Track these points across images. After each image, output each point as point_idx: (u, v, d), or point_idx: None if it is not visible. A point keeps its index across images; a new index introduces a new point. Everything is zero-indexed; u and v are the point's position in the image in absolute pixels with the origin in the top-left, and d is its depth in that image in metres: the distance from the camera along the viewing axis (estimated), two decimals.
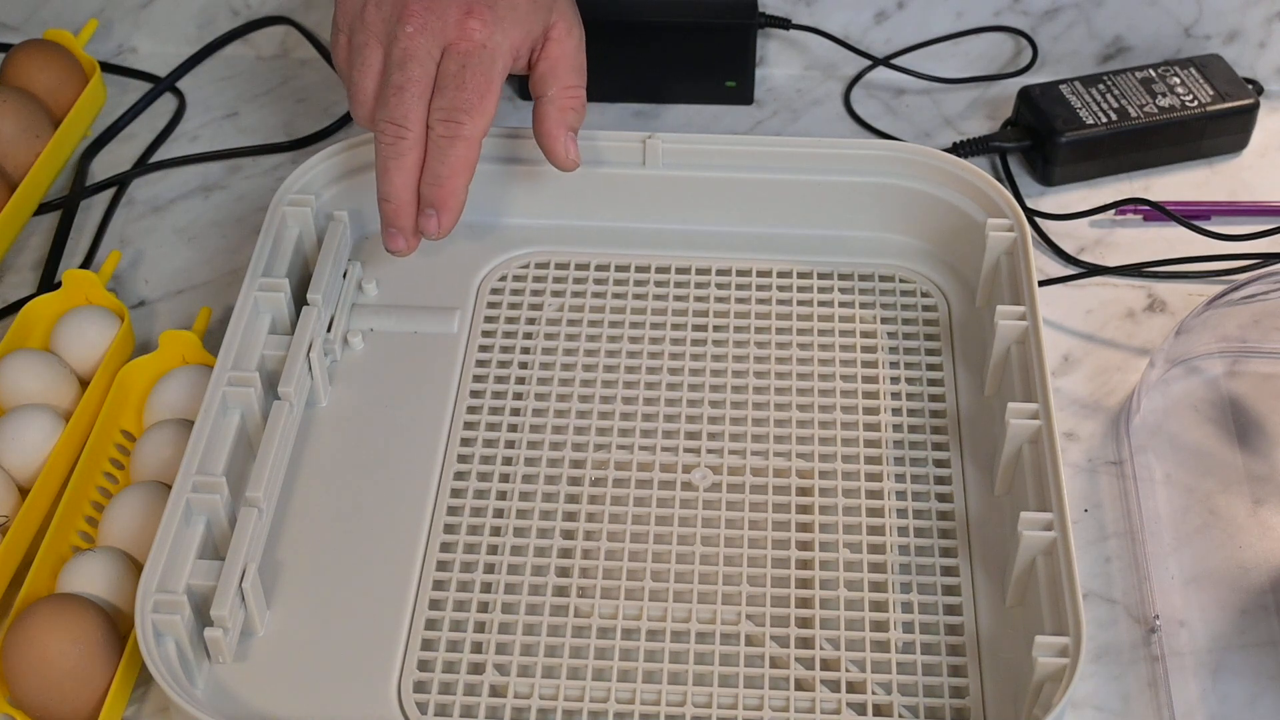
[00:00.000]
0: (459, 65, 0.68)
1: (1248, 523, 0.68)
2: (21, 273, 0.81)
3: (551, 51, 0.72)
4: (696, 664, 0.62)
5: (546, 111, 0.72)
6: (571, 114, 0.72)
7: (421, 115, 0.68)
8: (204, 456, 0.65)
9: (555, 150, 0.72)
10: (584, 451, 0.69)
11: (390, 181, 0.69)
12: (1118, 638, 0.65)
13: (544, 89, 0.72)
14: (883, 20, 0.90)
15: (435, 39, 0.68)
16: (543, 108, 0.72)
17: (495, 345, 0.74)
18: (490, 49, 0.69)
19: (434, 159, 0.68)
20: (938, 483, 0.68)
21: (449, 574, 0.65)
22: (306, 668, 0.62)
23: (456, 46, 0.68)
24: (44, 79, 0.86)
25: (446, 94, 0.68)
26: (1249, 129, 0.86)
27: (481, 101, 0.68)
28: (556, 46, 0.72)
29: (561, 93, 0.72)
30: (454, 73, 0.68)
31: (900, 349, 0.73)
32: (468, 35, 0.68)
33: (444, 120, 0.68)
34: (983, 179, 0.75)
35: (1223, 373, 0.74)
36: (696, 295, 0.76)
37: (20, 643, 0.60)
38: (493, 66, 0.69)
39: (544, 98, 0.72)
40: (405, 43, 0.68)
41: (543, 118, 0.72)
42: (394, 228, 0.70)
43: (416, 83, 0.68)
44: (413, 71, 0.68)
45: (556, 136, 0.72)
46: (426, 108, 0.68)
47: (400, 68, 0.68)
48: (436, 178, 0.68)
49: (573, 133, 0.72)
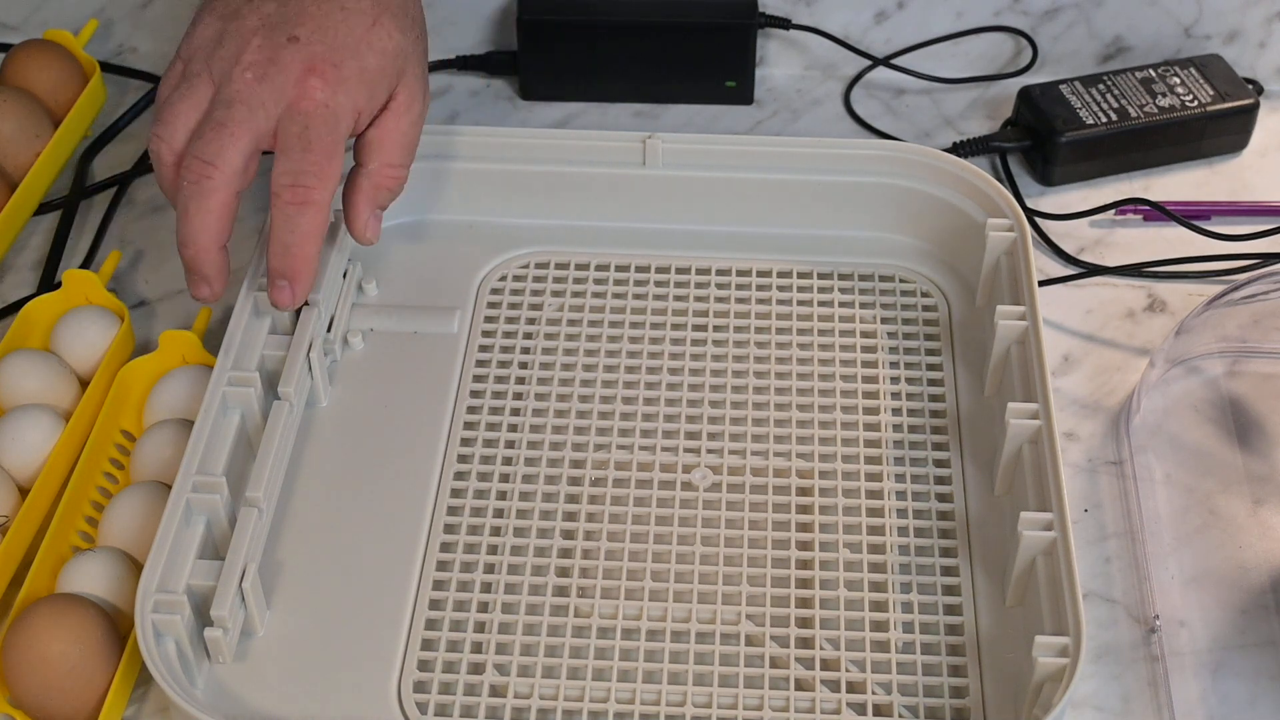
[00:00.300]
0: (301, 127, 0.65)
1: (1248, 523, 0.68)
2: (21, 273, 0.81)
3: (385, 122, 0.69)
4: (696, 664, 0.62)
5: (359, 184, 0.69)
6: (385, 193, 0.70)
7: (233, 160, 0.64)
8: (204, 456, 0.65)
9: (354, 224, 0.70)
10: (584, 451, 0.69)
11: (190, 223, 0.65)
12: (1118, 638, 0.65)
13: (366, 159, 0.69)
14: (883, 20, 0.90)
15: (273, 91, 0.65)
16: (356, 179, 0.69)
17: (495, 345, 0.74)
18: (333, 109, 0.66)
19: (282, 228, 0.65)
20: (938, 483, 0.68)
21: (449, 574, 0.65)
22: (306, 668, 0.62)
23: (297, 105, 0.65)
24: (44, 79, 0.86)
25: (292, 157, 0.65)
26: (1249, 129, 0.86)
27: (329, 164, 0.65)
28: (392, 119, 0.69)
29: (381, 169, 0.69)
30: (297, 134, 0.65)
31: (900, 349, 0.73)
32: (309, 94, 0.65)
33: (291, 185, 0.65)
34: (983, 179, 0.75)
35: (1223, 373, 0.74)
36: (696, 295, 0.76)
37: (20, 643, 0.60)
38: (337, 128, 0.66)
39: (363, 169, 0.69)
40: (239, 85, 0.65)
41: (354, 189, 0.69)
42: (197, 274, 0.66)
43: (240, 125, 0.64)
44: (238, 113, 0.64)
45: (360, 212, 0.69)
46: (241, 156, 0.65)
47: (226, 106, 0.65)
48: (286, 247, 0.65)
49: (380, 210, 0.70)
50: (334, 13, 0.67)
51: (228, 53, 0.66)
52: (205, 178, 0.64)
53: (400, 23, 0.69)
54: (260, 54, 0.66)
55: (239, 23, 0.67)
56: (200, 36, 0.67)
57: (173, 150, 0.66)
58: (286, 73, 0.65)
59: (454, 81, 0.91)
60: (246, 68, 0.65)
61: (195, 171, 0.64)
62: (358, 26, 0.67)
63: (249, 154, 0.65)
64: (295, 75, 0.65)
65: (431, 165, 0.77)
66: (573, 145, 0.78)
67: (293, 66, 0.65)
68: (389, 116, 0.69)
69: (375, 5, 0.68)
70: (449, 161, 0.77)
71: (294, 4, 0.67)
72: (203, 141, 0.64)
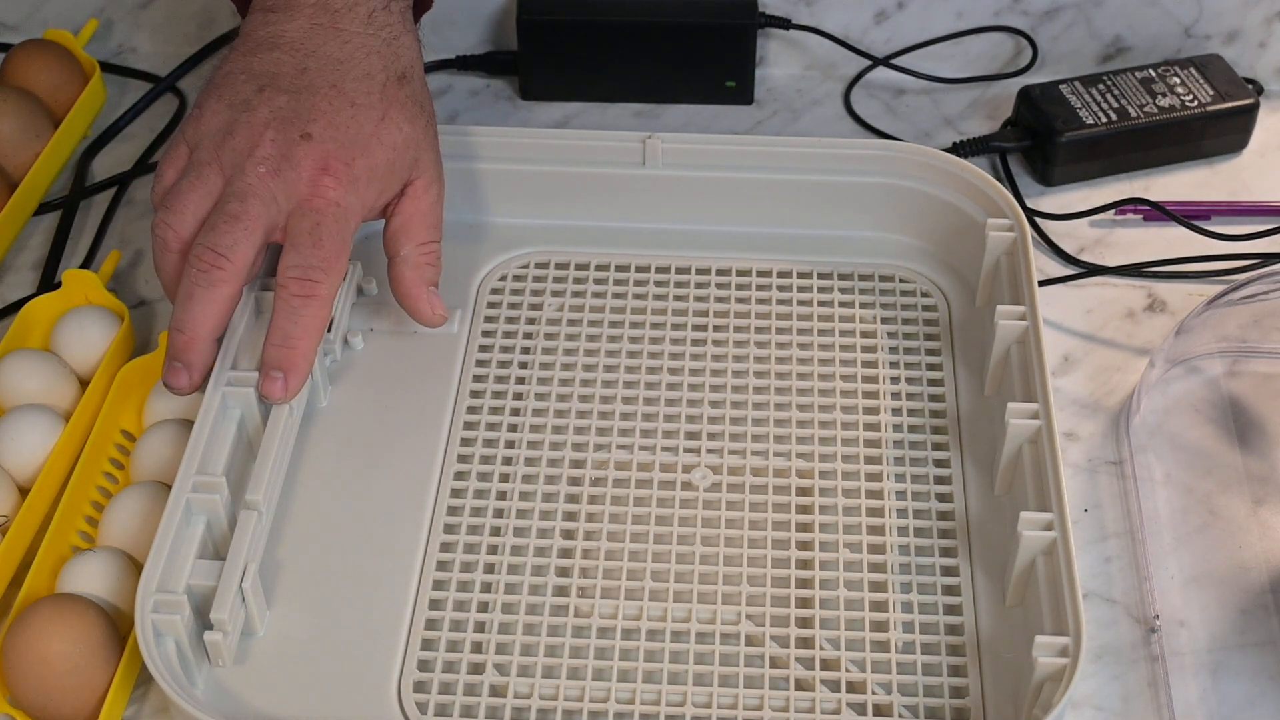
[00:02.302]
0: (313, 223, 0.65)
1: (1248, 523, 0.68)
2: (21, 273, 0.81)
3: (405, 208, 0.70)
4: (696, 664, 0.62)
5: (402, 272, 0.70)
6: (429, 269, 0.70)
7: (246, 253, 0.65)
8: (204, 456, 0.65)
9: (420, 310, 0.70)
10: (584, 451, 0.69)
11: (190, 311, 0.64)
12: (1118, 638, 0.65)
13: (397, 248, 0.70)
14: (883, 20, 0.90)
15: (285, 187, 0.66)
16: (398, 268, 0.70)
17: (495, 345, 0.74)
18: (344, 207, 0.66)
19: (285, 319, 0.65)
20: (938, 483, 0.68)
21: (449, 574, 0.65)
22: (306, 668, 0.62)
23: (309, 203, 0.66)
24: (44, 79, 0.86)
25: (302, 251, 0.65)
26: (1249, 129, 0.86)
27: (337, 261, 0.66)
28: (411, 203, 0.70)
29: (416, 251, 0.70)
30: (308, 230, 0.65)
31: (900, 349, 0.73)
32: (321, 193, 0.66)
33: (299, 279, 0.65)
34: (983, 179, 0.75)
35: (1223, 373, 0.74)
36: (696, 295, 0.76)
37: (20, 643, 0.60)
38: (346, 226, 0.66)
39: (398, 257, 0.70)
40: (253, 179, 0.65)
41: (399, 279, 0.70)
42: (181, 362, 0.65)
43: (255, 219, 0.65)
44: (253, 208, 0.65)
45: (418, 296, 0.70)
46: (254, 249, 0.65)
47: (240, 199, 0.65)
48: (287, 338, 0.65)
49: (433, 288, 0.70)
50: (344, 109, 0.67)
51: (239, 145, 0.66)
52: (216, 268, 0.64)
53: (408, 112, 0.69)
54: (274, 149, 0.66)
55: (250, 114, 0.67)
56: (208, 124, 0.67)
57: (180, 238, 0.66)
58: (300, 169, 0.66)
59: (454, 81, 0.91)
60: (260, 162, 0.65)
61: (206, 261, 0.64)
62: (367, 122, 0.68)
63: (260, 248, 0.66)
64: (309, 173, 0.66)
65: None
66: (573, 145, 0.78)
67: (306, 164, 0.66)
68: (408, 202, 0.70)
69: (383, 100, 0.69)
70: (449, 161, 0.77)
71: (305, 98, 0.67)
72: (216, 233, 0.64)
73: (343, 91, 0.68)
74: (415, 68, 0.71)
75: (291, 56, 0.69)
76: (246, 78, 0.68)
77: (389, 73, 0.69)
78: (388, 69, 0.69)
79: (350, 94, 0.68)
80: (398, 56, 0.70)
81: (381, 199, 0.69)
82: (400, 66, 0.70)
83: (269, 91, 0.67)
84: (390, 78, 0.69)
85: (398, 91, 0.69)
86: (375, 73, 0.69)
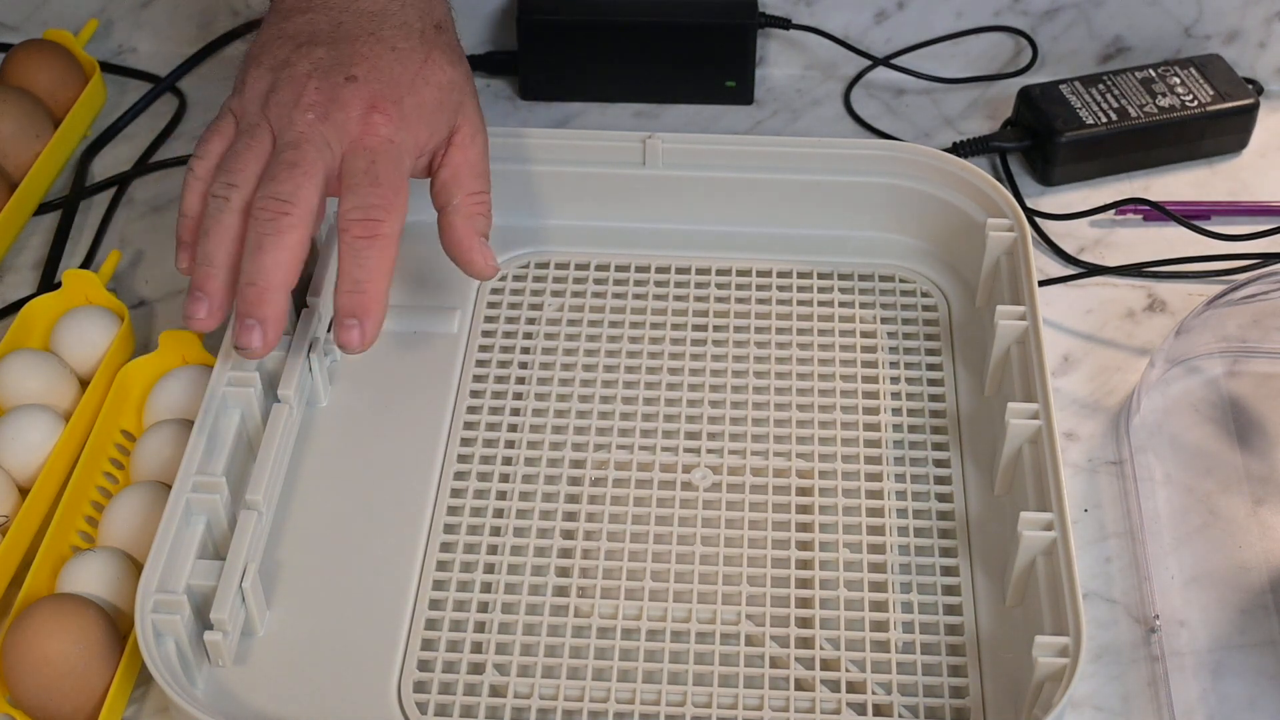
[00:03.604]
0: (368, 161, 0.64)
1: (1248, 523, 0.68)
2: (21, 273, 0.81)
3: (454, 157, 0.68)
4: (696, 664, 0.62)
5: (453, 221, 0.68)
6: (480, 219, 0.68)
7: (310, 197, 0.63)
8: (204, 456, 0.65)
9: (472, 261, 0.68)
10: (584, 451, 0.69)
11: (260, 261, 0.62)
12: (1118, 638, 0.65)
13: (448, 198, 0.68)
14: (883, 20, 0.90)
15: (336, 130, 0.65)
16: (448, 218, 0.68)
17: (495, 345, 0.74)
18: (398, 144, 0.65)
19: (351, 264, 0.63)
20: (938, 483, 0.68)
21: (449, 574, 0.65)
22: (306, 668, 0.62)
23: (362, 142, 0.65)
24: (44, 79, 0.86)
25: (360, 192, 0.64)
26: (1249, 129, 0.86)
27: (397, 198, 0.64)
28: (459, 152, 0.68)
29: (467, 200, 0.68)
30: (364, 169, 0.64)
31: (900, 349, 0.73)
32: (373, 130, 0.65)
33: (361, 220, 0.63)
34: (983, 179, 0.75)
35: (1223, 373, 0.74)
36: (696, 295, 0.76)
37: (20, 643, 0.60)
38: (401, 162, 0.65)
39: (449, 207, 0.68)
40: (303, 128, 0.64)
41: (450, 227, 0.68)
42: (255, 318, 0.63)
43: (312, 164, 0.63)
44: (308, 153, 0.63)
45: (470, 246, 0.68)
46: (317, 193, 0.63)
47: (295, 147, 0.64)
48: (357, 284, 0.63)
49: (484, 238, 0.68)
50: (385, 54, 0.67)
51: (284, 99, 0.65)
52: (283, 214, 0.62)
53: (449, 56, 0.69)
54: (319, 95, 0.65)
55: (290, 70, 0.66)
56: (251, 90, 0.67)
57: (242, 196, 0.64)
58: (348, 110, 0.65)
59: None
60: (307, 109, 0.65)
61: (271, 210, 0.62)
62: (411, 64, 0.67)
63: (322, 193, 0.64)
64: (358, 112, 0.65)
65: None
66: (573, 145, 0.78)
67: (354, 104, 0.65)
68: (456, 152, 0.69)
69: (424, 43, 0.68)
70: None
71: (345, 47, 0.67)
72: (276, 182, 0.63)
73: (381, 39, 0.67)
74: (449, 21, 0.71)
75: (325, 15, 0.68)
76: (282, 41, 0.68)
77: (425, 22, 0.69)
78: (423, 19, 0.69)
79: (389, 40, 0.68)
80: (431, 9, 0.70)
81: (432, 140, 0.68)
82: (436, 17, 0.70)
83: (306, 47, 0.67)
84: (427, 26, 0.69)
85: (436, 38, 0.69)
86: (412, 22, 0.69)
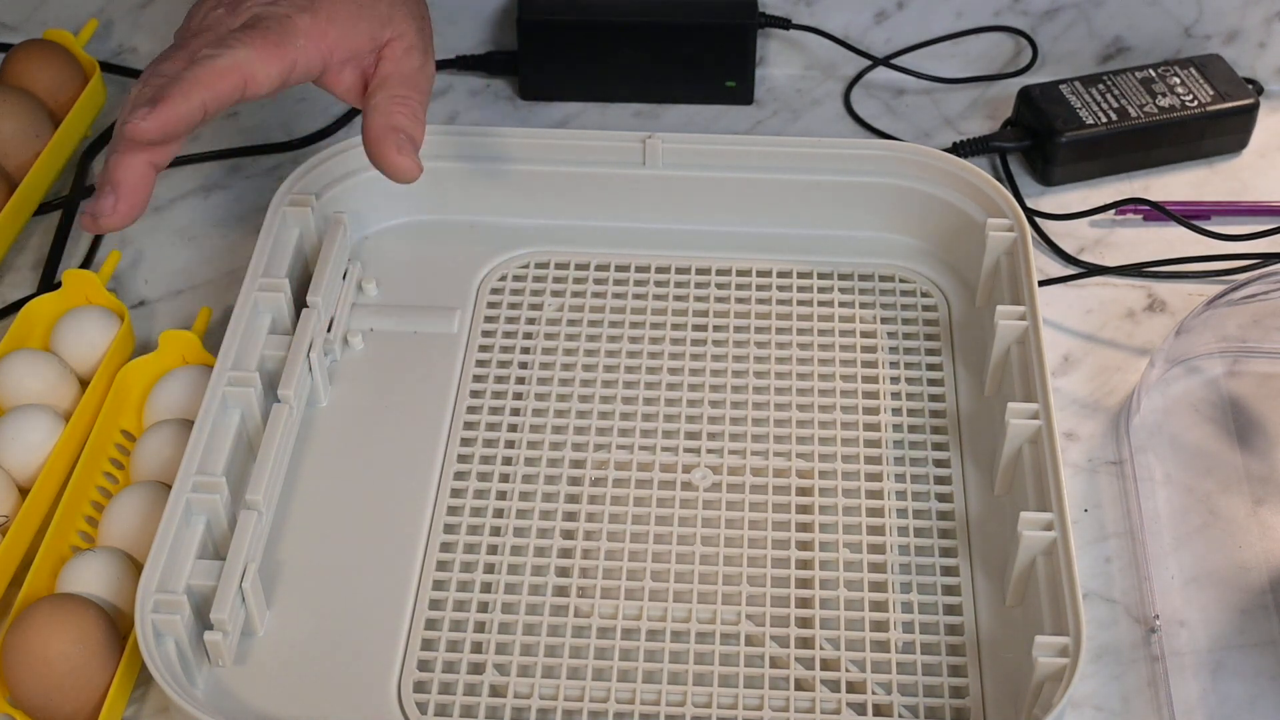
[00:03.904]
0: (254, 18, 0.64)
1: (1248, 523, 0.68)
2: (21, 273, 0.81)
3: (384, 69, 0.67)
4: (696, 664, 0.62)
5: (369, 121, 0.66)
6: (399, 116, 0.66)
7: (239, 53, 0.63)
8: (204, 456, 0.65)
9: (385, 156, 0.66)
10: (584, 451, 0.69)
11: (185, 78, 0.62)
12: (1118, 638, 0.65)
13: (370, 98, 0.66)
14: (883, 20, 0.90)
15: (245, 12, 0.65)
16: (366, 118, 0.66)
17: (495, 345, 0.74)
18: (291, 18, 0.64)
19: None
20: (938, 483, 0.68)
21: (449, 574, 0.65)
22: (306, 668, 0.62)
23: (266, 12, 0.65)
24: (44, 79, 0.86)
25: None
26: (1249, 129, 0.86)
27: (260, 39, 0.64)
28: (389, 64, 0.67)
29: (386, 99, 0.66)
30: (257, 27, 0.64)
31: (900, 349, 0.73)
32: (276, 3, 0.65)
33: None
34: (983, 179, 0.75)
35: (1223, 373, 0.74)
36: (696, 295, 0.76)
37: (20, 643, 0.60)
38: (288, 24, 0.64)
39: (369, 106, 0.66)
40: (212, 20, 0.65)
41: (365, 128, 0.66)
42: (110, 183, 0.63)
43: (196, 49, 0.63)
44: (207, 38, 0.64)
45: (383, 139, 0.65)
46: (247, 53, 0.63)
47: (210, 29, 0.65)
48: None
49: (407, 139, 0.66)
50: None
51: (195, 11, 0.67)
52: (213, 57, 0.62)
53: None
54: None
55: None
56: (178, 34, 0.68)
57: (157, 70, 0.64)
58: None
59: (454, 81, 0.91)
60: (215, 6, 0.66)
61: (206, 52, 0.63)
62: None
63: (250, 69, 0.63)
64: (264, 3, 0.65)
65: (431, 165, 0.76)
66: (573, 145, 0.78)
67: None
68: (385, 64, 0.67)
69: None
70: (449, 161, 0.77)
71: None
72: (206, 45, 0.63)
73: None
74: None
75: None
76: None
77: None
78: None
79: None
80: None
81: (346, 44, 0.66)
82: None
83: None
84: None
85: None
86: None
